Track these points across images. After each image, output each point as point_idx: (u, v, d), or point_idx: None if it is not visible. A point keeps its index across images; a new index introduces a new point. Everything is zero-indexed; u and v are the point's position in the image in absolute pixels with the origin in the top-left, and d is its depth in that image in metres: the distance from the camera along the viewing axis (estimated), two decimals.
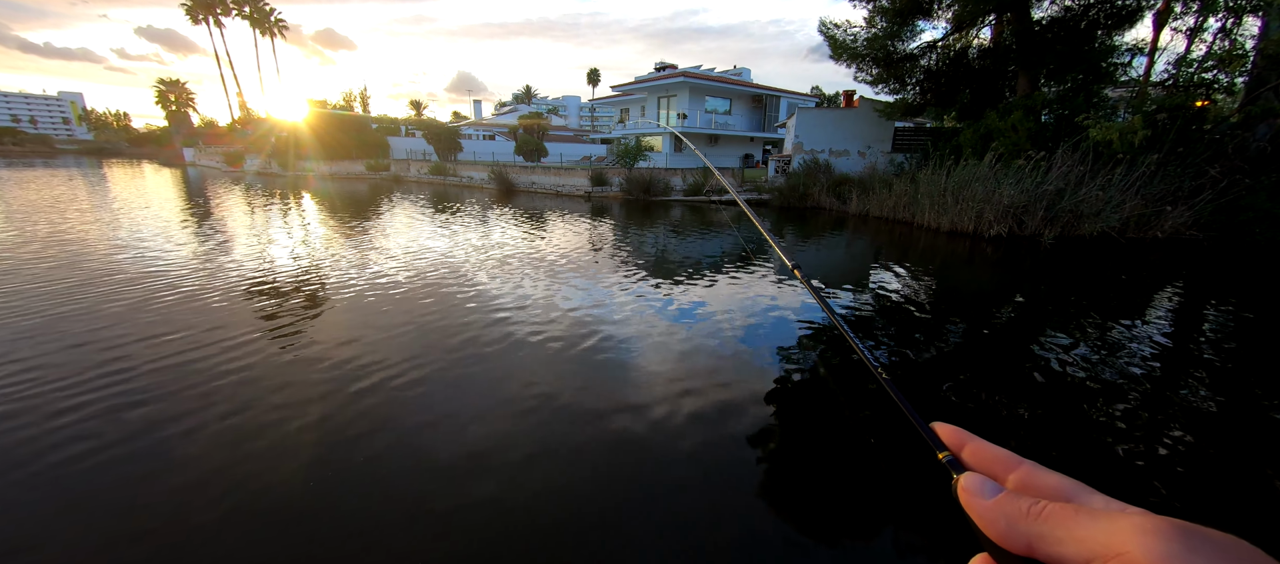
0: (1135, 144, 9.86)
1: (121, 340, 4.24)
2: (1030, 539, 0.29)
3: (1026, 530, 0.30)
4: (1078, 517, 0.28)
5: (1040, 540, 0.29)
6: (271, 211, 13.62)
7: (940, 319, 5.50)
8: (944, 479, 0.37)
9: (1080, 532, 0.27)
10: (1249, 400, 3.79)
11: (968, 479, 0.35)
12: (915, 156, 15.46)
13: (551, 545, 2.23)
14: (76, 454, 2.75)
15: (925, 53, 14.70)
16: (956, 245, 9.90)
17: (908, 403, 0.45)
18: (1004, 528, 0.31)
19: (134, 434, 2.95)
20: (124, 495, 2.47)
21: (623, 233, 11.26)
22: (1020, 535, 0.30)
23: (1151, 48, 13.59)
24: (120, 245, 8.18)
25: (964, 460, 0.38)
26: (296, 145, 37.51)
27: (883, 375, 0.51)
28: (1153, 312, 5.97)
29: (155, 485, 2.54)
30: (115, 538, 2.22)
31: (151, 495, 2.47)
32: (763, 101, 34.10)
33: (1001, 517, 0.31)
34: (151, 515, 2.35)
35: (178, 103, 59.96)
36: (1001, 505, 0.32)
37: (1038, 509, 0.30)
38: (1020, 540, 0.30)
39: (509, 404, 3.37)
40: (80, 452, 2.77)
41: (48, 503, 2.41)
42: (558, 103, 79.45)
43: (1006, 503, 0.32)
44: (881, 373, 0.51)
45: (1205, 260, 8.65)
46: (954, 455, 0.38)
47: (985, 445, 0.38)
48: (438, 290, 5.98)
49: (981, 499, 0.33)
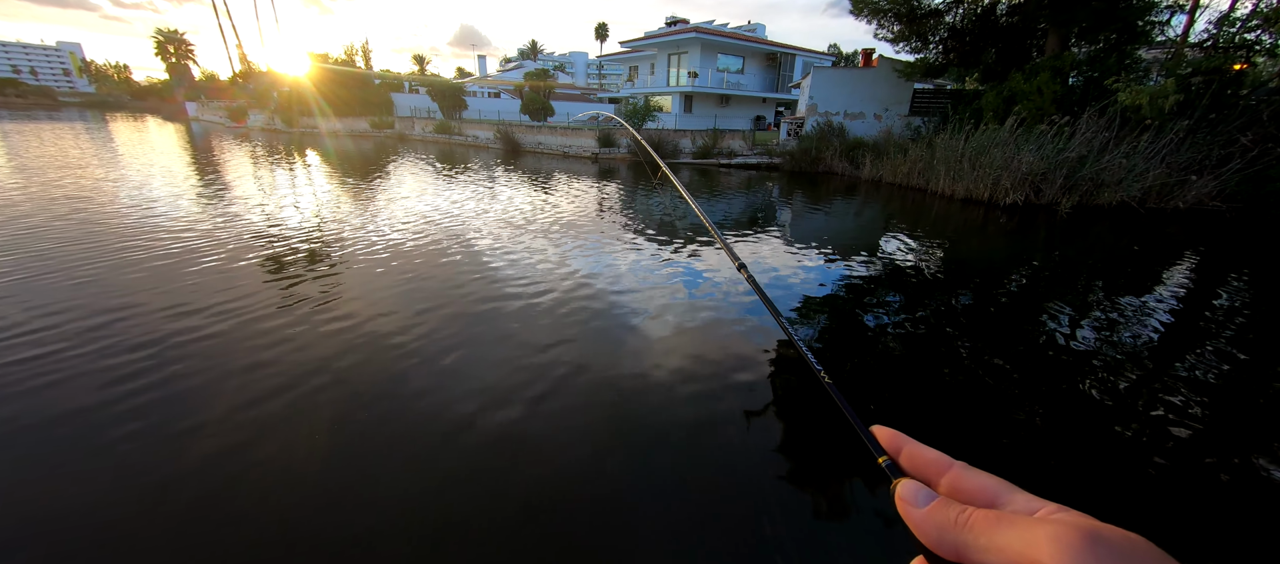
0: (1166, 109, 9.46)
1: (136, 302, 4.32)
2: (958, 547, 0.31)
3: (954, 539, 0.32)
4: (999, 525, 0.30)
5: (966, 549, 0.31)
6: (279, 171, 13.56)
7: (945, 291, 5.46)
8: (886, 481, 0.39)
9: (1001, 540, 0.29)
10: (1250, 384, 3.77)
11: (903, 488, 0.36)
12: (934, 120, 14.96)
13: (549, 504, 2.31)
14: (96, 417, 2.85)
15: (951, 8, 13.96)
16: (970, 213, 9.70)
17: (850, 407, 0.46)
18: (935, 537, 0.33)
19: (154, 396, 3.04)
20: (134, 451, 2.57)
21: (630, 196, 11.12)
22: (949, 544, 0.32)
23: (1192, 5, 12.81)
24: (147, 206, 8.22)
25: (901, 464, 0.40)
26: (300, 101, 36.89)
27: (825, 379, 0.51)
28: (1163, 287, 5.87)
29: (165, 443, 2.64)
30: (130, 496, 2.32)
31: (164, 450, 2.57)
32: (777, 60, 32.83)
33: (933, 526, 0.33)
34: (162, 474, 2.45)
35: (177, 55, 58.78)
36: (932, 515, 0.34)
37: (964, 518, 0.32)
38: (950, 548, 0.32)
39: (513, 365, 3.42)
40: (99, 413, 2.87)
41: (48, 465, 2.52)
42: (565, 59, 77.09)
43: (937, 512, 0.33)
44: (824, 376, 0.52)
45: (1226, 232, 8.44)
46: (892, 460, 0.40)
47: (920, 449, 0.40)
48: (443, 253, 6.00)
49: (915, 508, 0.35)
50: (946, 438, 2.87)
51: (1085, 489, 2.57)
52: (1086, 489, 2.57)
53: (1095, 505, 2.45)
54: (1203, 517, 2.42)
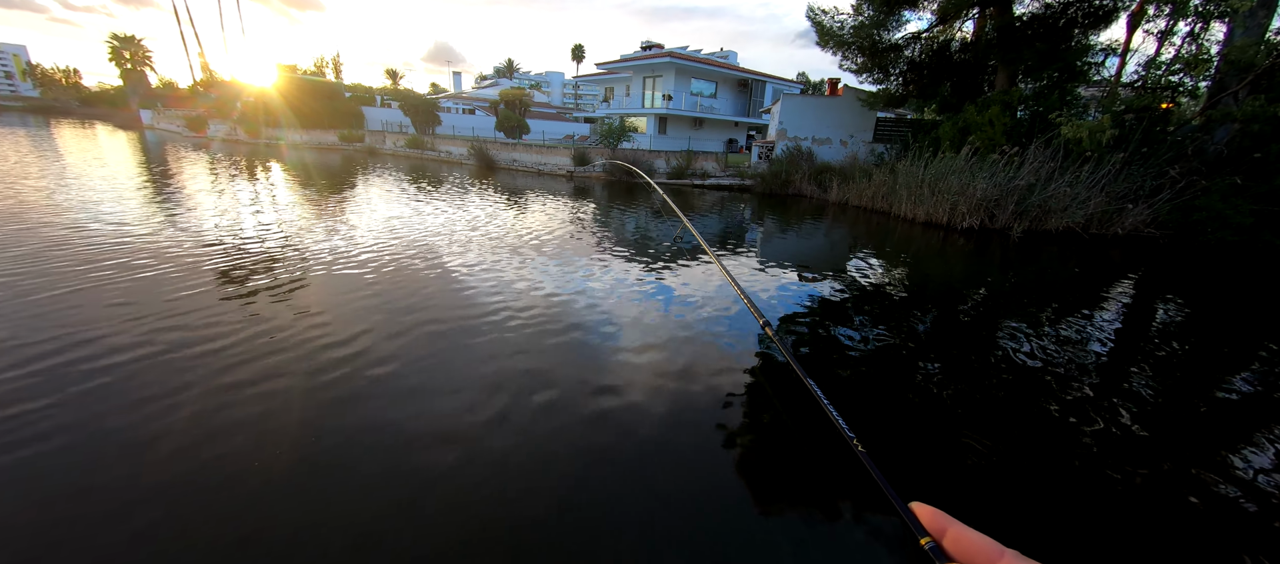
0: (1103, 142, 10.20)
1: (84, 316, 4.06)
2: None
3: None
4: None
5: None
6: (241, 182, 13.07)
7: (909, 309, 5.67)
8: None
9: None
10: (1183, 395, 4.03)
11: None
12: (895, 147, 15.70)
13: (520, 520, 2.26)
14: (33, 433, 2.64)
15: (909, 44, 14.82)
16: (930, 236, 10.15)
17: (887, 482, 0.43)
18: None
19: (95, 416, 2.85)
20: (78, 476, 2.39)
21: (604, 214, 11.18)
22: None
23: (1124, 49, 13.97)
24: (76, 214, 7.75)
25: (946, 548, 0.36)
26: (265, 112, 35.82)
27: (859, 448, 0.48)
28: (1107, 306, 6.26)
29: (112, 468, 2.47)
30: (70, 517, 2.16)
31: (107, 477, 2.40)
32: (749, 86, 33.95)
33: None
34: (107, 497, 2.28)
35: (133, 61, 56.42)
36: None
37: None
38: None
39: (483, 384, 3.36)
40: (35, 432, 2.66)
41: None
42: (541, 78, 77.63)
43: None
44: (857, 445, 0.48)
45: (1160, 257, 9.08)
46: (936, 542, 0.37)
47: (966, 532, 0.36)
48: (413, 269, 5.87)
49: None
50: (924, 449, 2.95)
51: (1042, 502, 2.68)
52: (1043, 502, 2.68)
53: (1050, 520, 2.56)
54: (1149, 524, 2.55)
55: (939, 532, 0.37)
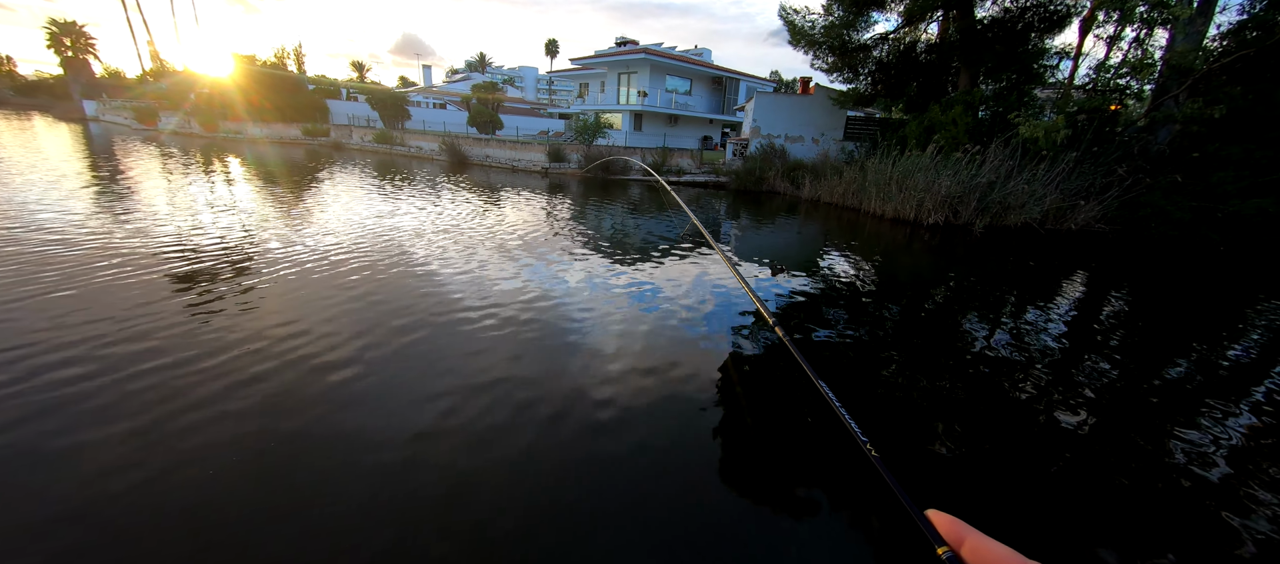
0: (1057, 142, 10.69)
1: (21, 328, 3.79)
2: None
3: None
4: None
5: None
6: (196, 178, 12.43)
7: (878, 302, 5.83)
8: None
9: None
10: (1133, 381, 4.28)
11: None
12: (865, 145, 16.09)
13: (498, 527, 2.23)
14: None
15: (877, 44, 15.21)
16: (898, 232, 10.46)
17: (902, 489, 0.43)
18: None
19: (47, 426, 2.67)
20: (35, 488, 2.24)
21: (580, 211, 11.11)
22: None
23: (1076, 53, 14.63)
24: (10, 220, 7.24)
25: (964, 558, 0.36)
26: (221, 104, 34.14)
27: (872, 453, 0.47)
28: (1061, 298, 6.58)
29: (67, 479, 2.32)
30: (28, 525, 2.02)
31: (63, 487, 2.26)
32: (723, 84, 34.22)
33: None
34: (63, 507, 2.15)
35: (75, 48, 52.85)
36: None
37: None
38: None
39: (457, 386, 3.29)
40: None
41: None
42: (514, 73, 76.36)
43: None
44: (871, 450, 0.47)
45: (1109, 251, 9.60)
46: (954, 552, 0.36)
47: (985, 542, 0.36)
48: (383, 268, 5.71)
49: None
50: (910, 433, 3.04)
51: (1008, 489, 2.80)
52: (1009, 489, 2.80)
53: (1010, 500, 2.67)
54: (1108, 507, 2.70)
55: (957, 541, 0.37)
